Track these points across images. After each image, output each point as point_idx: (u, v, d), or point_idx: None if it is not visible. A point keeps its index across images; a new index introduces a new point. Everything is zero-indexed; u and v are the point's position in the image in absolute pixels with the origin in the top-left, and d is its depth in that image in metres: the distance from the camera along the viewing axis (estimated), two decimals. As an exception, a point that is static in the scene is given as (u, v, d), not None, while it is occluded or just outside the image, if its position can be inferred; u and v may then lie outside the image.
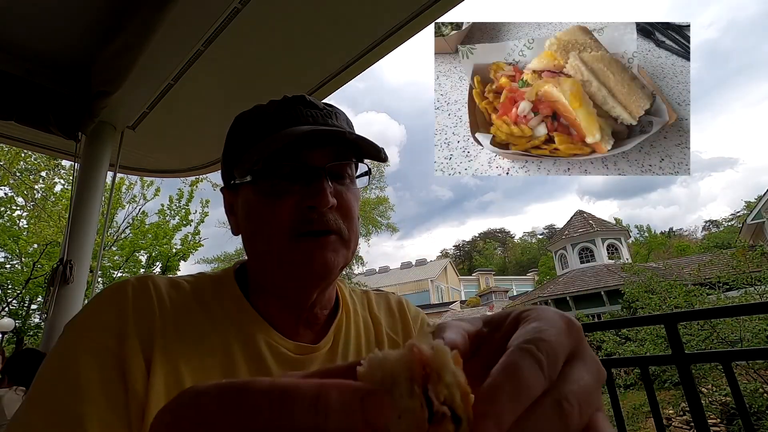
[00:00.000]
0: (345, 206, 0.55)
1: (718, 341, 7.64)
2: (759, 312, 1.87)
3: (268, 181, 0.53)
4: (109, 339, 0.46)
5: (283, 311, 0.57)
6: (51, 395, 0.42)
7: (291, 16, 1.70)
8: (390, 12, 1.67)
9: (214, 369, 0.49)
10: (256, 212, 0.54)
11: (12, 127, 2.08)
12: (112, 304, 0.49)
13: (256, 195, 0.54)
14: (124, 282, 0.51)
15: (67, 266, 2.04)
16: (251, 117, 0.59)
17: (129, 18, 1.57)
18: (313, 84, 2.07)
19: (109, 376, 0.44)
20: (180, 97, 2.12)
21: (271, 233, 0.52)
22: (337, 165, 0.55)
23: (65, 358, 0.45)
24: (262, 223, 0.53)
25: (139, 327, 0.47)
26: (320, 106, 0.58)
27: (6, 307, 12.55)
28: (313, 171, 0.53)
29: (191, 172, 3.01)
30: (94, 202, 2.23)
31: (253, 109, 0.60)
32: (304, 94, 0.59)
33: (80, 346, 0.45)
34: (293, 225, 0.52)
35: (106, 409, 0.42)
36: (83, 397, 0.42)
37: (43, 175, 11.85)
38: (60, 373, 0.44)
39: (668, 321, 1.69)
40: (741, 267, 9.23)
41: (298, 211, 0.52)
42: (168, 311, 0.50)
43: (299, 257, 0.52)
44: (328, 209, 0.52)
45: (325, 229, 0.52)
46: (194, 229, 14.73)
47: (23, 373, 2.30)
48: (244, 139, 0.57)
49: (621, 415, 1.76)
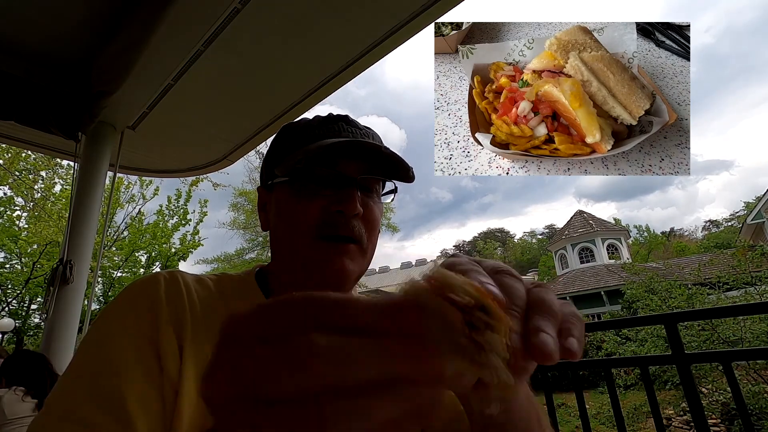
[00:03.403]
0: (370, 217, 0.58)
1: (718, 341, 7.63)
2: (759, 312, 1.87)
3: (303, 182, 0.57)
4: (143, 325, 0.48)
5: None
6: (91, 375, 0.44)
7: (291, 16, 1.69)
8: (390, 12, 1.66)
9: None
10: (286, 210, 0.58)
11: (12, 127, 2.08)
12: (145, 292, 0.51)
13: (289, 194, 0.58)
14: (156, 273, 0.54)
15: (67, 266, 2.04)
16: (296, 126, 0.64)
17: (129, 18, 1.57)
18: (314, 84, 2.07)
19: (146, 358, 0.46)
20: (180, 97, 2.12)
21: (297, 231, 0.56)
22: (368, 178, 0.59)
23: (102, 342, 0.47)
24: (291, 220, 0.57)
25: (172, 315, 0.50)
26: (360, 126, 0.64)
27: (6, 307, 12.54)
28: (346, 179, 0.57)
29: (191, 172, 3.01)
30: (94, 202, 2.23)
31: (298, 120, 0.66)
32: (347, 114, 0.65)
33: (116, 331, 0.47)
34: (319, 226, 0.55)
35: (145, 387, 0.44)
36: (122, 375, 0.43)
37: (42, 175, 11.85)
38: (98, 355, 0.46)
39: (668, 321, 1.69)
40: (741, 267, 9.22)
41: (326, 213, 0.55)
42: (195, 304, 0.53)
43: (318, 259, 0.55)
44: (353, 216, 0.56)
45: (348, 235, 0.55)
46: (193, 228, 14.74)
47: (21, 374, 2.29)
48: (287, 144, 0.62)
49: (621, 415, 1.76)
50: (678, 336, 1.64)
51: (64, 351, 2.03)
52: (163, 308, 0.49)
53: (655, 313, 8.80)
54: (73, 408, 0.41)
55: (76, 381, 0.44)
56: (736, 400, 1.50)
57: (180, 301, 0.51)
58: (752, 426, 1.47)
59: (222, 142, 2.52)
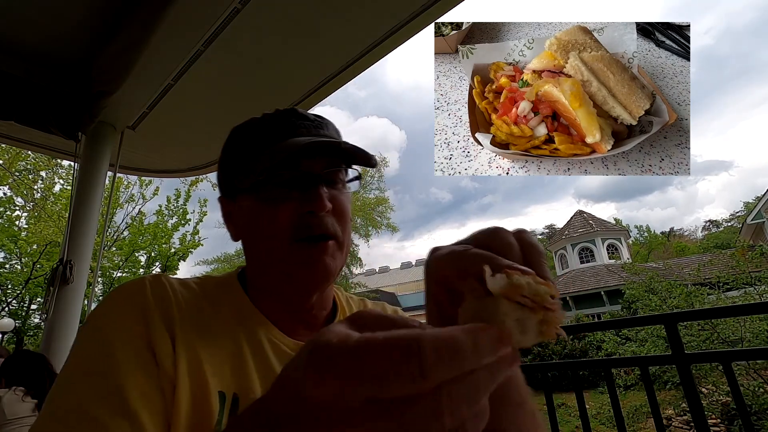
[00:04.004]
0: (340, 209, 0.58)
1: (718, 341, 7.63)
2: (759, 312, 1.87)
3: (268, 188, 0.56)
4: (135, 324, 0.48)
5: (283, 313, 0.60)
6: (91, 374, 0.44)
7: (291, 16, 1.69)
8: (390, 12, 1.67)
9: (226, 360, 0.52)
10: (256, 219, 0.57)
11: (12, 127, 2.08)
12: (134, 294, 0.52)
13: (255, 202, 0.57)
14: (141, 277, 0.55)
15: (67, 266, 2.04)
16: (247, 129, 0.62)
17: (129, 18, 1.57)
18: (314, 84, 2.07)
19: (142, 353, 0.47)
20: (180, 97, 2.12)
21: (272, 239, 0.56)
22: (332, 172, 0.59)
23: (97, 341, 0.47)
24: (263, 229, 0.56)
25: (162, 314, 0.50)
26: (311, 118, 0.62)
27: (6, 307, 12.54)
28: (310, 178, 0.56)
29: (191, 172, 3.01)
30: (94, 202, 2.23)
31: (248, 122, 0.63)
32: (295, 108, 0.63)
33: (110, 331, 0.48)
34: (293, 230, 0.55)
35: (144, 383, 0.45)
36: (122, 370, 0.44)
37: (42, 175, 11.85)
38: (96, 352, 0.46)
39: (668, 321, 1.69)
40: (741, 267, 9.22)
41: (297, 216, 0.55)
42: (182, 305, 0.53)
43: (300, 262, 0.55)
44: (325, 213, 0.55)
45: (324, 233, 0.55)
46: (193, 228, 14.73)
47: (21, 374, 2.29)
48: (243, 150, 0.60)
49: (621, 415, 1.76)
50: (678, 336, 1.64)
51: (64, 351, 2.03)
52: (152, 308, 0.50)
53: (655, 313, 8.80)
54: (78, 407, 0.42)
55: (77, 380, 0.44)
56: (736, 400, 1.50)
57: (167, 302, 0.52)
58: (752, 426, 1.47)
59: (222, 142, 2.51)
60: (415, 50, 3.82)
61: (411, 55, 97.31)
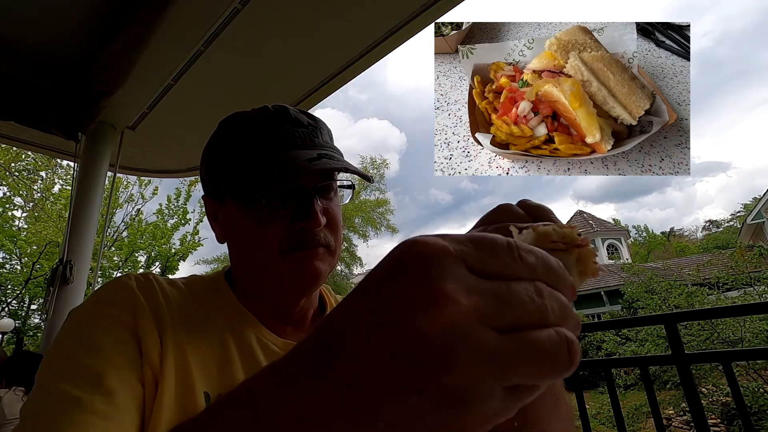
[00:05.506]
0: (332, 221, 0.58)
1: (718, 341, 7.63)
2: (759, 312, 1.87)
3: (260, 200, 0.54)
4: (122, 314, 0.49)
5: (272, 314, 0.60)
6: (70, 358, 0.45)
7: (291, 16, 1.69)
8: (390, 12, 1.66)
9: (213, 359, 0.52)
10: (246, 229, 0.56)
11: (12, 127, 2.08)
12: (120, 288, 0.52)
13: (246, 212, 0.56)
14: (128, 274, 0.55)
15: (67, 266, 2.04)
16: (237, 129, 0.59)
17: (129, 18, 1.57)
18: (314, 84, 2.07)
19: (125, 341, 0.47)
20: (180, 97, 2.12)
21: (263, 250, 0.55)
22: (325, 184, 0.58)
23: (81, 328, 0.48)
24: (253, 241, 0.55)
25: (150, 308, 0.50)
26: (305, 123, 0.59)
27: (6, 307, 12.53)
28: (304, 192, 0.55)
29: (191, 172, 3.01)
30: (93, 203, 2.22)
31: (236, 119, 0.60)
32: (287, 107, 0.60)
33: (94, 318, 0.48)
34: (284, 243, 0.54)
35: (124, 367, 0.45)
36: (101, 356, 0.44)
37: (42, 175, 11.84)
38: (77, 339, 0.46)
39: (668, 321, 1.69)
40: (740, 267, 9.22)
41: (289, 231, 0.54)
42: (172, 303, 0.53)
43: (289, 269, 0.55)
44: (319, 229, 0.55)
45: (315, 245, 0.55)
46: (193, 228, 14.72)
47: (21, 374, 2.30)
48: (233, 153, 0.58)
49: (621, 415, 1.76)
50: (678, 336, 1.64)
51: (64, 351, 2.03)
52: (140, 301, 0.50)
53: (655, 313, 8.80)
54: (55, 388, 0.42)
55: (58, 366, 0.45)
56: (735, 400, 1.50)
57: (155, 298, 0.52)
58: (752, 426, 1.47)
59: (222, 142, 2.51)
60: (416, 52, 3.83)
61: (411, 58, 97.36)
